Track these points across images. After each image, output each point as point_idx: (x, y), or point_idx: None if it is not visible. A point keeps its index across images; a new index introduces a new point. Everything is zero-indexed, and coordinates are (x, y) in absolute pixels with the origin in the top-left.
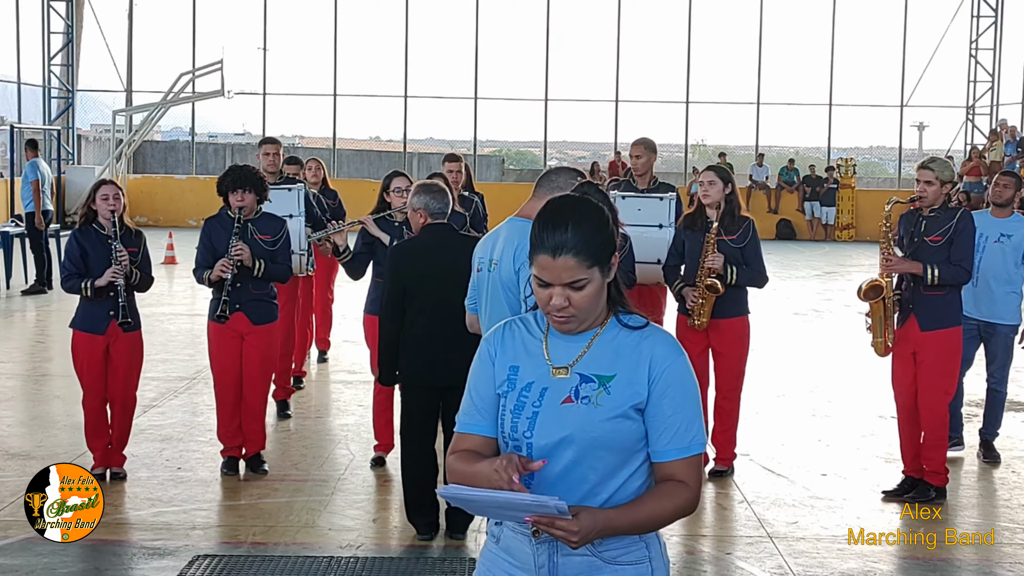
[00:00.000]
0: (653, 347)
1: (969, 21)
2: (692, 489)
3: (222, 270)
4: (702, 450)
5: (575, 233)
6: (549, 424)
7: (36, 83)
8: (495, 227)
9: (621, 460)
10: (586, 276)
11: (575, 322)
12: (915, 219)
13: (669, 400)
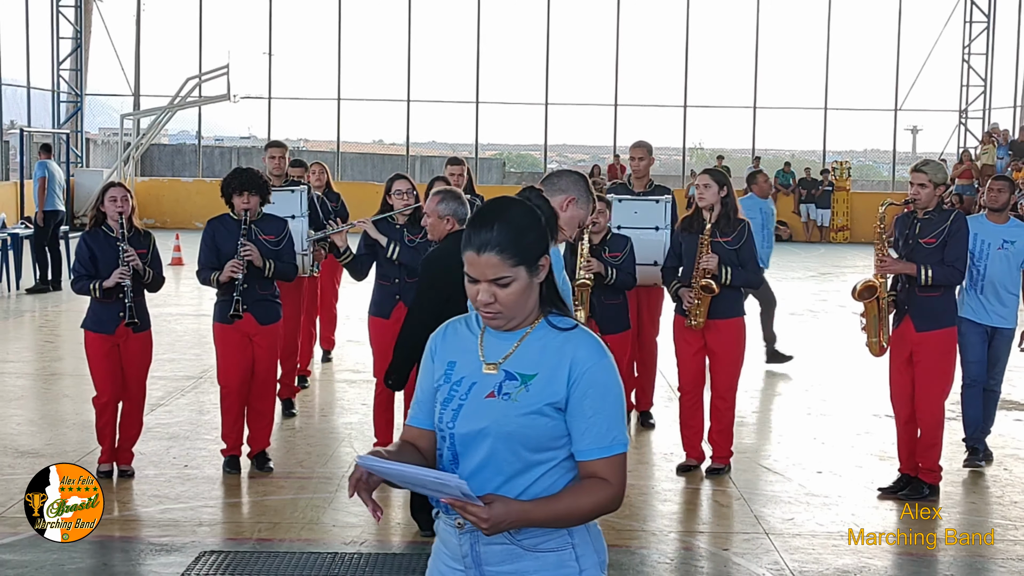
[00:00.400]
0: (576, 349)
1: (962, 26)
2: (614, 486)
3: (232, 270)
4: (624, 449)
5: (500, 232)
6: (470, 416)
7: (45, 87)
8: None
9: (537, 456)
10: (510, 274)
11: (502, 319)
12: (909, 221)
13: (590, 401)
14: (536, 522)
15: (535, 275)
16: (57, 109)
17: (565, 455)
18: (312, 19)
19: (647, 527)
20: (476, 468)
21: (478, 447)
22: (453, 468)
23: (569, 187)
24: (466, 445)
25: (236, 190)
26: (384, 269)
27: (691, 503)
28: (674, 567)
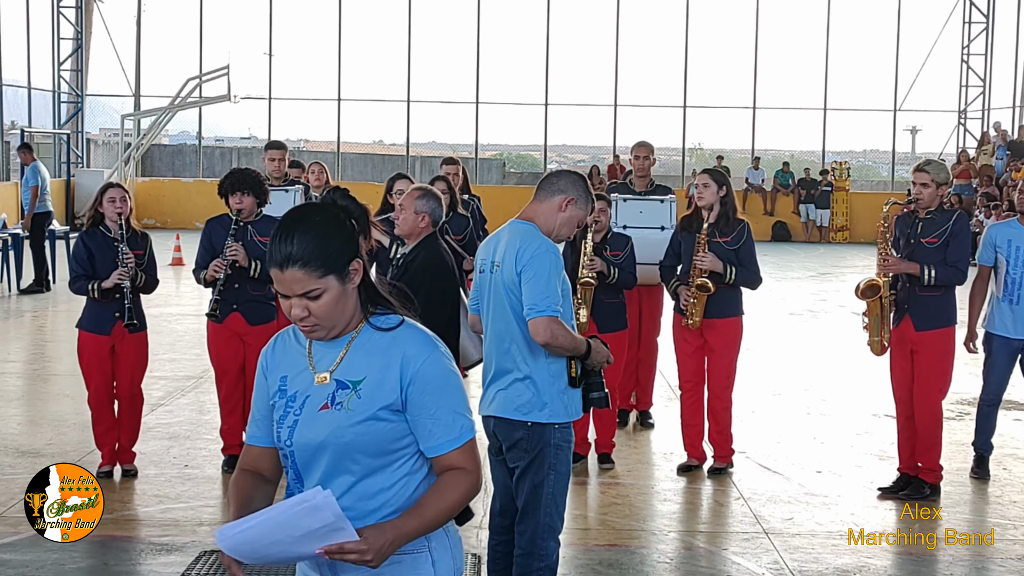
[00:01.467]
0: (404, 347)
1: (961, 27)
2: (472, 473)
3: (215, 270)
4: (473, 434)
5: (300, 244)
6: (305, 431)
7: (46, 88)
8: (496, 229)
9: (380, 460)
10: (318, 286)
11: (320, 330)
12: (911, 221)
13: (430, 396)
14: (413, 533)
15: (347, 281)
16: (58, 109)
17: (411, 454)
18: (312, 19)
19: (647, 526)
20: (325, 479)
21: (318, 462)
22: (298, 487)
23: (568, 187)
24: (306, 461)
25: (230, 190)
26: (383, 269)
27: (691, 503)
28: (674, 566)
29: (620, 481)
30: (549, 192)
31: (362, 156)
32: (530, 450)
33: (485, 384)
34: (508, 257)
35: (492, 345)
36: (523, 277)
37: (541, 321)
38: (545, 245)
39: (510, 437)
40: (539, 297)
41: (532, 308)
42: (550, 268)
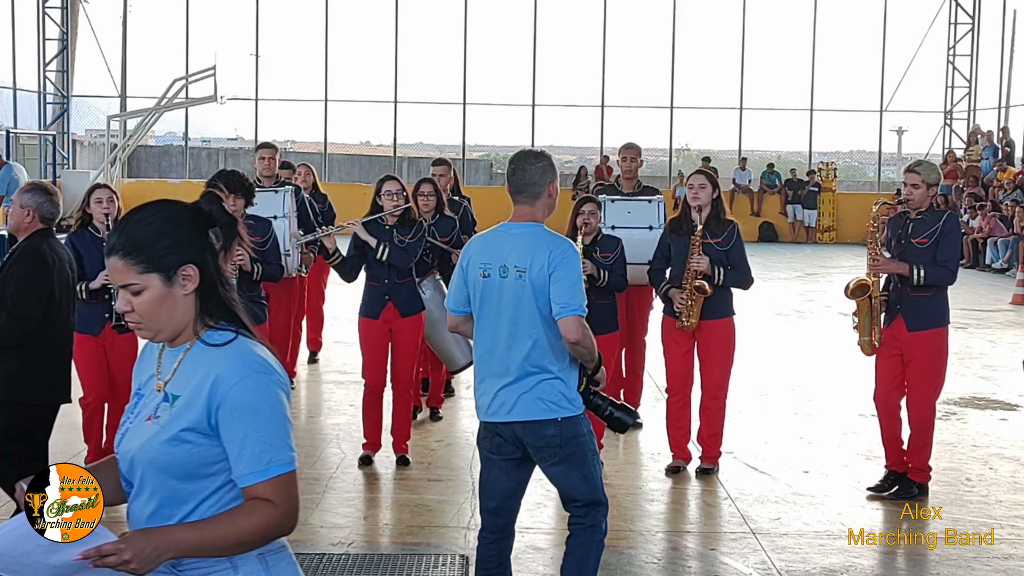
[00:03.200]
0: (219, 368)
1: (947, 28)
2: (278, 507)
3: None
4: (286, 469)
5: (126, 235)
6: (127, 440)
7: (31, 89)
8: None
9: (187, 485)
10: (138, 282)
11: (145, 330)
12: (902, 221)
13: (239, 423)
14: (189, 546)
15: (174, 285)
16: (43, 110)
17: (222, 482)
18: (299, 20)
19: (635, 527)
20: (136, 495)
21: (134, 474)
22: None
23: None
24: (127, 471)
25: (222, 192)
26: (373, 270)
27: (679, 503)
28: (662, 567)
29: (608, 482)
30: (534, 190)
31: (349, 157)
32: (565, 444)
33: (494, 390)
34: (537, 261)
35: (507, 349)
36: (553, 277)
37: (573, 319)
38: (572, 247)
39: (540, 437)
40: (570, 296)
41: (565, 307)
42: (578, 268)
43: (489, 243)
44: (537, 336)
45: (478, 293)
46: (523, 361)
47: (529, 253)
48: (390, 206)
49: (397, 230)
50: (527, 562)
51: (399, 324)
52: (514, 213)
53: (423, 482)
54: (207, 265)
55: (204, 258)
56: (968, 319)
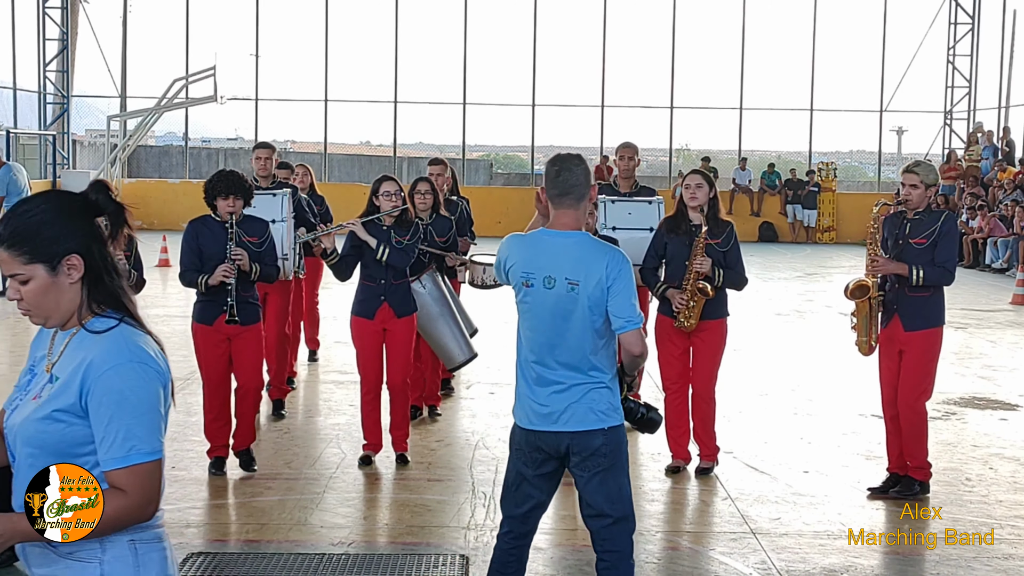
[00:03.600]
0: (94, 354)
1: (947, 28)
2: (131, 497)
3: (225, 275)
4: (147, 459)
5: (11, 227)
6: (13, 416)
7: (32, 89)
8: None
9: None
10: (23, 272)
11: (35, 317)
12: (900, 221)
13: (104, 409)
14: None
15: (59, 274)
16: (43, 111)
17: (94, 463)
18: (299, 20)
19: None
20: (17, 469)
21: (16, 448)
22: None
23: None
24: (12, 445)
25: (221, 193)
26: (370, 270)
27: (678, 503)
28: (661, 567)
29: None
30: (580, 192)
31: (349, 157)
32: (609, 454)
33: (540, 399)
34: (593, 274)
35: (556, 359)
36: (612, 290)
37: (636, 333)
38: (625, 257)
39: (588, 447)
40: (631, 309)
41: (629, 320)
42: (633, 278)
43: (533, 251)
44: (588, 347)
45: (520, 301)
46: (573, 371)
47: (582, 265)
48: (388, 206)
49: (395, 231)
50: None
51: (394, 325)
52: (556, 219)
53: (423, 482)
54: (92, 254)
55: (89, 247)
56: (968, 319)
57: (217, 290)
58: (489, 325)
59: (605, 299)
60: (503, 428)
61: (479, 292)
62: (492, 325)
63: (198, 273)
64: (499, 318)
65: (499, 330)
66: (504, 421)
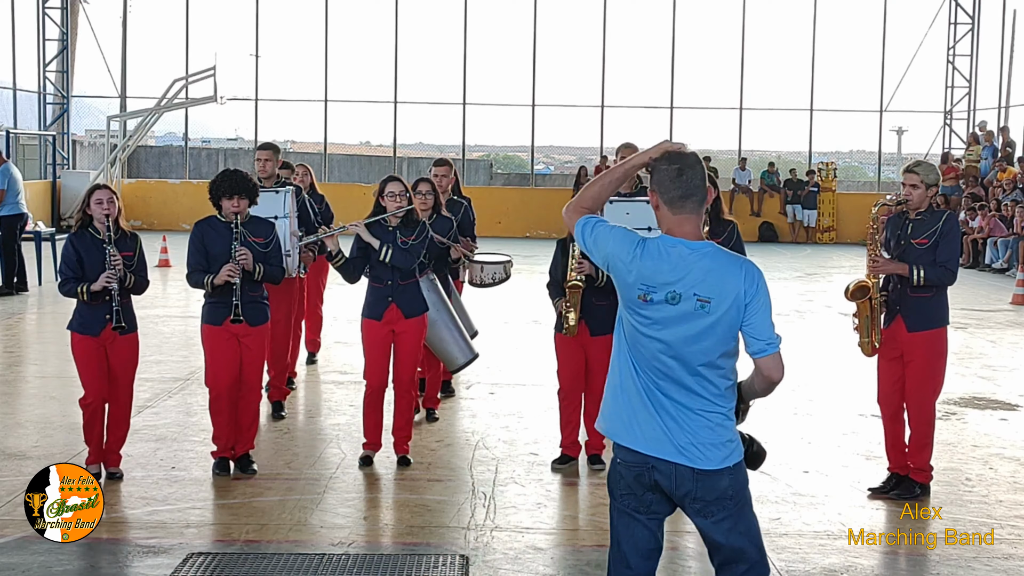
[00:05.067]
0: None
1: (947, 28)
2: None
3: (229, 275)
4: None
5: None
6: None
7: (31, 89)
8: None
9: None
10: None
11: None
12: (901, 221)
13: None
14: None
15: None
16: (43, 111)
17: None
18: (299, 20)
19: None
20: None
21: None
22: None
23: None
24: None
25: (226, 193)
26: (377, 271)
27: None
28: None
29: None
30: (703, 195)
31: (349, 157)
32: (736, 495)
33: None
34: (728, 291)
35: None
36: (751, 309)
37: (778, 357)
38: (759, 269)
39: (713, 489)
40: (771, 331)
41: (770, 343)
42: (770, 295)
43: (654, 261)
44: (715, 372)
45: (634, 315)
46: (695, 397)
47: (715, 281)
48: (393, 207)
49: (400, 231)
50: (527, 562)
51: (402, 325)
52: (678, 225)
53: (423, 482)
54: None
55: None
56: (968, 319)
57: (223, 291)
58: (489, 325)
59: (740, 318)
60: (503, 428)
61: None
62: (492, 325)
63: (204, 274)
64: (499, 318)
65: (499, 330)
66: (504, 421)
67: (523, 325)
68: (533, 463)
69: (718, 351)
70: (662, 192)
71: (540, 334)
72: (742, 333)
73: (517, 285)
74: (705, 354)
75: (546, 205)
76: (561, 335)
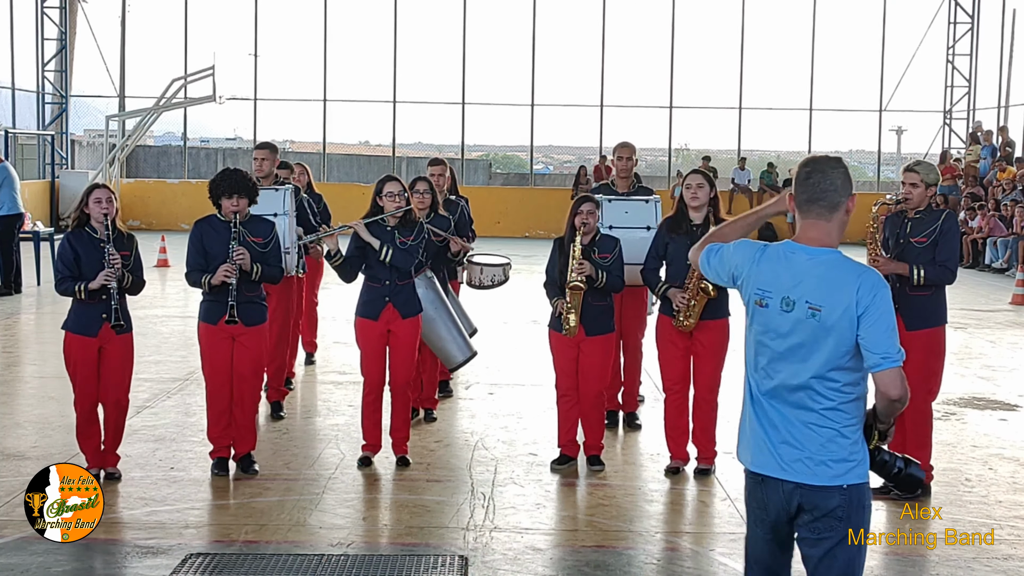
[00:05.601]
0: None
1: (946, 27)
2: None
3: (226, 275)
4: None
5: None
6: None
7: (30, 89)
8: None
9: None
10: None
11: None
12: (900, 221)
13: None
14: None
15: None
16: (42, 110)
17: None
18: (298, 20)
19: (634, 527)
20: None
21: None
22: None
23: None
24: None
25: (226, 192)
26: (374, 271)
27: (677, 503)
28: (660, 567)
29: (608, 483)
30: (833, 199)
31: (348, 157)
32: (845, 518)
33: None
34: (841, 300)
35: (789, 394)
36: (864, 320)
37: (897, 373)
38: (882, 280)
39: (822, 506)
40: (888, 344)
41: (886, 358)
42: (891, 307)
43: (771, 266)
44: (827, 385)
45: (751, 322)
46: (805, 411)
47: (828, 288)
48: (391, 207)
49: (399, 231)
50: (527, 563)
51: (398, 325)
52: (802, 231)
53: (422, 483)
54: None
55: None
56: (968, 319)
57: (221, 290)
58: (489, 325)
59: (855, 329)
60: (502, 428)
61: (477, 293)
62: (492, 325)
63: (202, 273)
64: (499, 318)
65: (499, 330)
66: (503, 421)
67: (522, 325)
68: (532, 463)
69: (830, 363)
70: (794, 195)
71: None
72: (859, 346)
73: (516, 285)
74: (816, 365)
75: (545, 205)
76: (556, 333)
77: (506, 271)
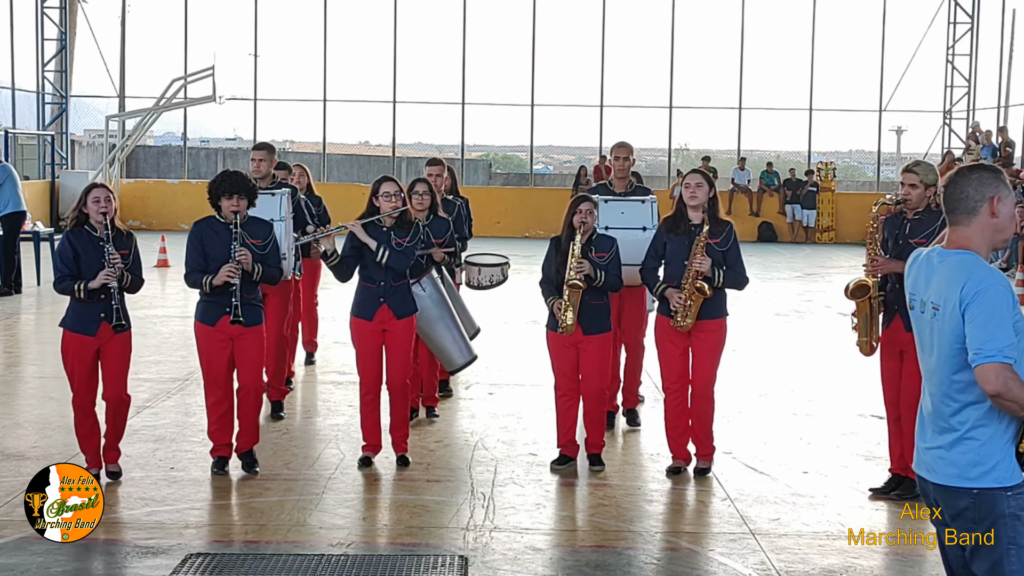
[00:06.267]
0: None
1: (946, 27)
2: None
3: (229, 274)
4: None
5: None
6: None
7: (30, 89)
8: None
9: None
10: None
11: None
12: (899, 221)
13: None
14: None
15: None
16: (42, 111)
17: None
18: (298, 20)
19: (634, 528)
20: None
21: None
22: None
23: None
24: None
25: (225, 193)
26: (369, 271)
27: (677, 504)
28: (660, 567)
29: (607, 483)
30: (967, 206)
31: (348, 157)
32: (978, 521)
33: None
34: (950, 296)
35: (929, 396)
36: (968, 315)
37: (991, 368)
38: (993, 277)
39: (953, 506)
40: (986, 339)
41: (979, 352)
42: (1001, 304)
43: (918, 271)
44: (952, 386)
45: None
46: (938, 413)
47: (946, 287)
48: (388, 207)
49: (395, 232)
50: (527, 563)
51: (393, 326)
52: (946, 236)
53: (422, 483)
54: None
55: None
56: None
57: (221, 291)
58: (489, 325)
59: (963, 324)
60: (502, 429)
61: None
62: (492, 325)
63: (202, 274)
64: (499, 318)
65: (499, 330)
66: (503, 421)
67: (522, 325)
68: (532, 463)
69: (950, 363)
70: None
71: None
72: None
73: (516, 285)
74: (941, 366)
75: (545, 205)
76: (553, 333)
77: (504, 271)
